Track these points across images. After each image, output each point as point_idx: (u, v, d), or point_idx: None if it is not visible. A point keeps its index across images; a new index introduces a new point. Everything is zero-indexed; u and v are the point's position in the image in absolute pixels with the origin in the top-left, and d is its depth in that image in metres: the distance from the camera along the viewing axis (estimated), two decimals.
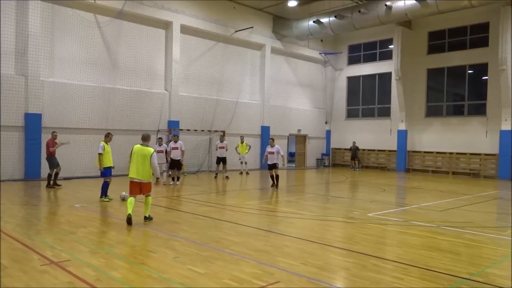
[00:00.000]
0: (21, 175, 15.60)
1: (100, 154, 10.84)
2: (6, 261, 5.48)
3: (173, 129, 19.62)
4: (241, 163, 20.60)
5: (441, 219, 9.37)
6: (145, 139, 8.27)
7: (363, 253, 6.27)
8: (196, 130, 20.57)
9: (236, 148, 20.62)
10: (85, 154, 17.16)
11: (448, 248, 6.75)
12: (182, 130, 19.97)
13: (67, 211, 9.25)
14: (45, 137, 16.02)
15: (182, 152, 15.22)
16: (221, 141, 18.46)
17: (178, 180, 15.24)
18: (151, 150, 8.14)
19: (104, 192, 10.99)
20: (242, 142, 20.50)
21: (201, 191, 14.09)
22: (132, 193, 8.17)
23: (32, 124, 15.80)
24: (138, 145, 8.24)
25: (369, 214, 9.68)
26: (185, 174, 18.64)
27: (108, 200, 10.79)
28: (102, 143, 10.95)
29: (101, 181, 11.34)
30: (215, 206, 10.68)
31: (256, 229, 7.89)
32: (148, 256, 5.94)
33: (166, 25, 19.88)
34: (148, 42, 19.35)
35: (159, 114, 19.52)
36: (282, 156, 15.08)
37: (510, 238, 7.66)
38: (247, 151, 20.49)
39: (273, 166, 14.76)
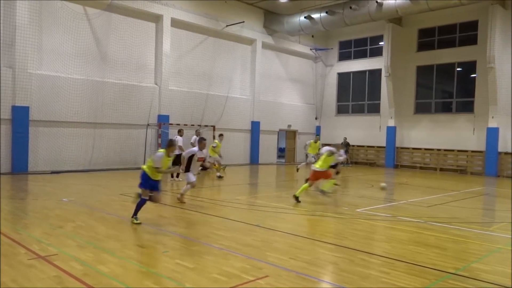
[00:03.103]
0: (8, 168, 15.39)
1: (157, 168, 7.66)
2: None
3: (163, 123, 19.52)
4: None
5: (429, 215, 9.49)
6: None
7: (351, 248, 6.32)
8: (186, 125, 20.47)
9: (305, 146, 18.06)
10: (73, 147, 17.00)
11: (435, 243, 6.84)
12: (172, 124, 19.87)
13: (55, 205, 9.17)
14: (33, 130, 15.91)
15: (179, 147, 14.95)
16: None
17: (178, 176, 14.98)
18: None
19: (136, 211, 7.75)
20: (316, 142, 17.78)
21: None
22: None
23: (20, 117, 15.58)
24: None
25: (358, 210, 9.76)
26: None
27: (138, 222, 7.50)
28: (162, 151, 7.74)
29: (89, 174, 11.20)
30: (204, 201, 10.67)
31: (245, 224, 7.91)
32: (137, 250, 5.93)
33: (156, 19, 19.71)
34: (138, 36, 19.17)
35: (149, 108, 19.39)
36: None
37: (500, 234, 7.80)
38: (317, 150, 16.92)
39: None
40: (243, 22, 22.72)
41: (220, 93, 22.44)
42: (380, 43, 25.71)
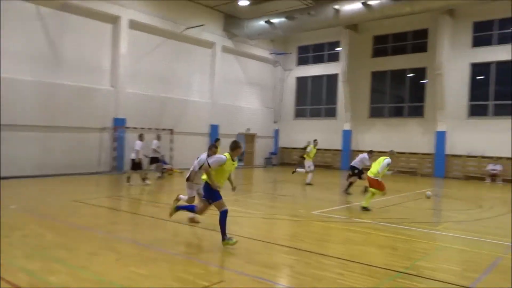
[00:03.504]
0: None
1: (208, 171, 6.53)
2: None
3: (119, 127, 19.05)
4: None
5: (381, 216, 9.82)
6: None
7: (307, 251, 6.44)
8: (143, 128, 20.03)
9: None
10: (22, 151, 16.22)
11: (387, 244, 7.10)
12: (128, 128, 19.43)
13: (2, 213, 8.71)
14: None
15: (136, 151, 14.79)
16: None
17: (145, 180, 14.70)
18: None
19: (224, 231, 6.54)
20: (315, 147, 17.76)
21: (148, 191, 13.78)
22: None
23: None
24: None
25: (314, 212, 9.94)
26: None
27: (234, 242, 6.42)
28: (226, 155, 6.72)
29: (39, 180, 10.74)
30: (161, 206, 10.48)
31: (201, 229, 7.86)
32: (88, 259, 5.74)
33: (113, 20, 19.20)
34: (94, 37, 18.60)
35: (105, 112, 18.85)
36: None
37: (446, 233, 8.20)
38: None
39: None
40: (203, 25, 22.60)
41: (179, 96, 22.19)
42: (337, 49, 26.38)
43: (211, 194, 6.54)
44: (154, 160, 15.98)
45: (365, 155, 13.76)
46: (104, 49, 19.10)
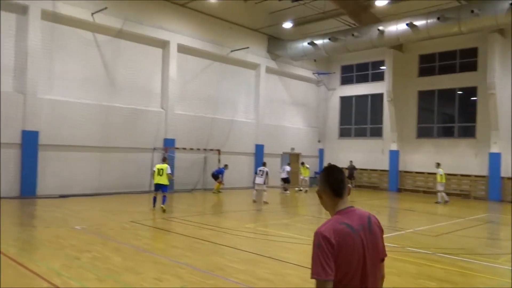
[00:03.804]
0: (17, 192, 15.56)
1: None
2: None
3: (169, 147, 19.76)
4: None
5: (436, 245, 9.63)
6: None
7: None
8: (192, 149, 20.72)
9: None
10: (80, 171, 17.19)
11: (445, 277, 6.99)
12: (178, 148, 20.12)
13: (69, 234, 9.31)
14: (42, 155, 16.13)
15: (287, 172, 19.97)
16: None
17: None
18: None
19: None
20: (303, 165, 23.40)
21: (198, 212, 14.20)
22: None
23: (29, 141, 15.83)
24: None
25: None
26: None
27: None
28: None
29: (96, 199, 11.34)
30: (213, 229, 10.80)
31: (257, 255, 8.05)
32: (155, 284, 6.06)
33: (163, 44, 20.16)
34: (146, 61, 19.60)
35: (156, 132, 19.66)
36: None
37: (503, 266, 7.93)
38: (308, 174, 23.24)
39: None
40: (248, 47, 23.21)
41: (225, 117, 22.76)
42: (381, 68, 26.19)
43: None
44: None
45: None
46: (155, 72, 20.04)
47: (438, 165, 19.28)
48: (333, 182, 2.44)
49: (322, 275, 2.22)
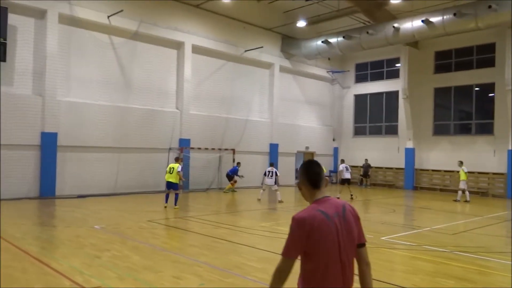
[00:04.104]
0: (36, 193, 15.91)
1: None
2: (41, 286, 5.73)
3: (185, 147, 19.94)
4: None
5: (454, 243, 9.55)
6: None
7: (378, 280, 6.45)
8: (206, 148, 20.88)
9: None
10: (98, 172, 17.49)
11: (463, 275, 6.94)
12: (193, 148, 20.29)
13: (89, 233, 9.51)
14: (60, 156, 16.46)
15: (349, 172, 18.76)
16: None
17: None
18: None
19: None
20: None
21: (213, 211, 14.31)
22: None
23: (48, 143, 16.16)
24: None
25: (383, 238, 9.86)
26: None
27: None
28: None
29: (114, 199, 11.57)
30: (230, 228, 10.89)
31: (274, 253, 8.08)
32: (174, 282, 6.16)
33: (178, 46, 20.35)
34: (161, 62, 19.81)
35: (171, 133, 19.86)
36: None
37: None
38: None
39: None
40: (262, 47, 23.25)
41: (239, 117, 22.86)
42: (396, 65, 25.96)
43: None
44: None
45: None
46: (170, 73, 20.23)
47: (461, 163, 19.04)
48: (311, 175, 2.73)
49: (287, 254, 2.53)
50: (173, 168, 13.91)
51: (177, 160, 14.67)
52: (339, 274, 2.56)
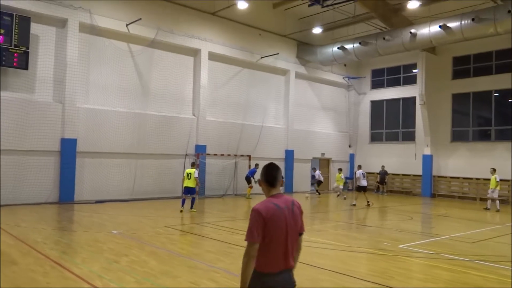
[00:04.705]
0: (56, 198, 16.21)
1: None
2: None
3: (201, 153, 20.08)
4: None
5: (473, 252, 9.38)
6: None
7: None
8: (222, 155, 20.99)
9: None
10: (116, 177, 17.74)
11: (483, 285, 6.82)
12: (209, 154, 20.43)
13: (107, 238, 9.65)
14: (79, 161, 16.76)
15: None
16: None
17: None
18: None
19: None
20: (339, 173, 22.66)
21: (229, 217, 14.37)
22: None
23: (68, 149, 16.48)
24: None
25: (400, 246, 9.76)
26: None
27: None
28: None
29: (131, 204, 11.71)
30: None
31: None
32: None
33: (194, 53, 20.57)
34: (178, 69, 20.05)
35: (187, 139, 20.04)
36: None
37: None
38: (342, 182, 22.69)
39: None
40: (277, 53, 23.35)
41: (255, 123, 22.93)
42: (413, 71, 25.74)
43: None
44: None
45: None
46: (187, 80, 20.45)
47: (493, 171, 18.41)
48: (269, 176, 3.33)
49: (251, 238, 3.09)
50: (190, 173, 14.37)
51: (193, 165, 15.11)
52: (284, 254, 3.18)
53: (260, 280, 3.13)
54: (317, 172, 23.58)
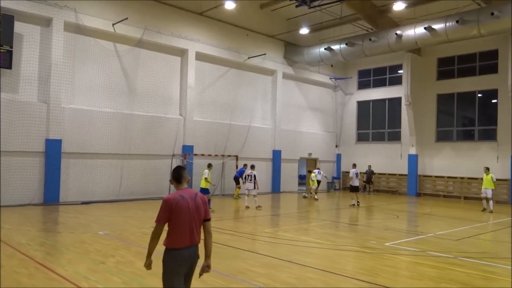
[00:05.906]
0: (40, 199, 15.98)
1: None
2: None
3: (188, 154, 20.00)
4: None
5: (458, 249, 9.54)
6: None
7: (382, 285, 6.47)
8: (210, 155, 20.94)
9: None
10: (102, 178, 17.56)
11: (467, 281, 6.94)
12: (196, 154, 20.36)
13: (93, 239, 9.55)
14: (65, 162, 16.55)
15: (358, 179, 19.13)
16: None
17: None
18: None
19: None
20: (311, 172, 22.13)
21: (217, 217, 14.32)
22: None
23: (53, 149, 16.25)
24: None
25: (387, 244, 9.86)
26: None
27: None
28: None
29: (117, 205, 11.62)
30: (233, 234, 10.92)
31: (277, 259, 8.12)
32: None
33: (181, 53, 20.49)
34: (165, 69, 19.94)
35: (174, 139, 19.94)
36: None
37: None
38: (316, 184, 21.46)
39: None
40: (265, 54, 23.39)
41: (243, 123, 22.94)
42: (399, 72, 26.04)
43: None
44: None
45: None
46: (173, 80, 20.35)
47: (487, 169, 17.41)
48: (177, 175, 4.25)
49: (159, 221, 4.05)
50: (203, 174, 15.30)
51: (209, 166, 15.95)
52: (188, 234, 4.08)
53: (169, 253, 4.10)
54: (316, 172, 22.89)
